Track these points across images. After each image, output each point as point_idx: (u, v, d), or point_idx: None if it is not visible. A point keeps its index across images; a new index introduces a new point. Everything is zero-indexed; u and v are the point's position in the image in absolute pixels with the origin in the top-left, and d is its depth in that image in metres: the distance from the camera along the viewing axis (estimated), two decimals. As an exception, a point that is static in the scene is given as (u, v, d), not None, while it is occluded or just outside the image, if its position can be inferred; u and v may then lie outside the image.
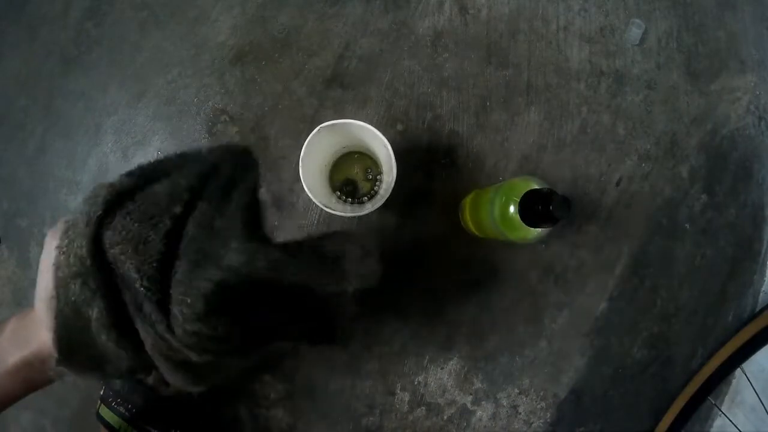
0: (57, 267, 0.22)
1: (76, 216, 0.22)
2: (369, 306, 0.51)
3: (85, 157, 0.55)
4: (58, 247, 0.22)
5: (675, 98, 0.56)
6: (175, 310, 0.20)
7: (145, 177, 0.23)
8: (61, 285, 0.21)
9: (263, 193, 0.53)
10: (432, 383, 0.54)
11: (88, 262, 0.21)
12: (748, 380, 0.55)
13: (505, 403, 0.55)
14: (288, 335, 0.25)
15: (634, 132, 0.55)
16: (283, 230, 0.53)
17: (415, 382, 0.53)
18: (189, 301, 0.20)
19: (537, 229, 0.37)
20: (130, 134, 0.54)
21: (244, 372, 0.39)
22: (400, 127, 0.53)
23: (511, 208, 0.38)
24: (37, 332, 0.28)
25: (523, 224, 0.37)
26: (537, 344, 0.54)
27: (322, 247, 0.24)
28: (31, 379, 0.29)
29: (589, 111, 0.55)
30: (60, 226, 0.23)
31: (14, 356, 0.28)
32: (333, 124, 0.41)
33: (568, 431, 0.56)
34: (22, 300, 0.55)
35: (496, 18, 0.55)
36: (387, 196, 0.42)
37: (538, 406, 0.55)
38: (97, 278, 0.21)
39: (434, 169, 0.53)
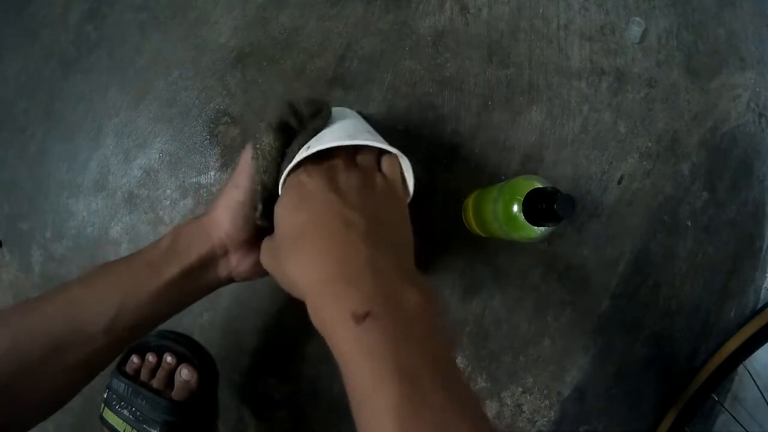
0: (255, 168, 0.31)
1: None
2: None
3: (86, 160, 0.54)
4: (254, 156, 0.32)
5: (675, 96, 0.56)
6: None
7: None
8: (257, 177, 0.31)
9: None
10: (436, 383, 0.54)
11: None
12: (751, 377, 0.55)
13: (509, 402, 0.55)
14: None
15: (635, 130, 0.56)
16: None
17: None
18: None
19: (540, 227, 0.37)
20: (131, 137, 0.54)
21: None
22: (401, 127, 0.53)
23: (515, 207, 0.38)
24: (203, 239, 0.31)
25: (527, 223, 0.37)
26: (540, 343, 0.54)
27: None
28: (187, 288, 0.32)
29: (591, 109, 0.55)
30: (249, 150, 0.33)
31: (173, 268, 0.30)
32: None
33: (571, 429, 0.56)
34: (24, 304, 0.55)
35: (497, 17, 0.55)
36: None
37: (542, 405, 0.55)
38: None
39: (436, 168, 0.53)
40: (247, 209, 0.32)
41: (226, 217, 0.32)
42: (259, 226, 0.33)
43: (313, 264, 0.25)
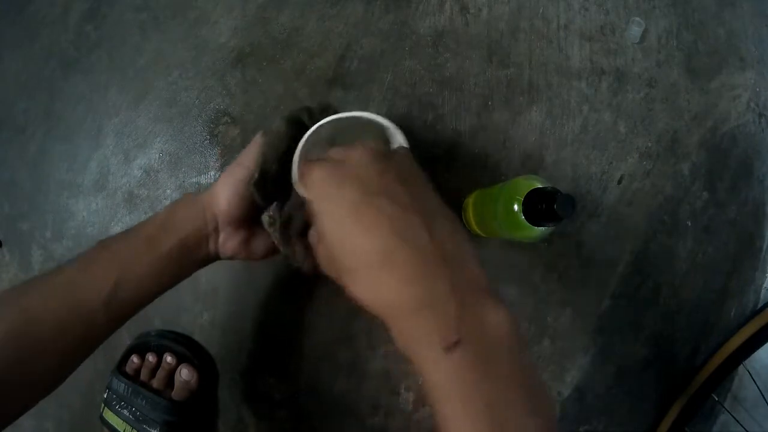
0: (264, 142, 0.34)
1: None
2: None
3: (87, 160, 0.54)
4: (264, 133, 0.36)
5: (675, 96, 0.56)
6: None
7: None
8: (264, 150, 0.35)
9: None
10: (436, 383, 0.54)
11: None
12: (751, 377, 0.55)
13: (509, 402, 0.55)
14: None
15: (635, 130, 0.56)
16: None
17: (420, 382, 0.53)
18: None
19: (540, 227, 0.37)
20: (132, 137, 0.54)
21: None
22: (401, 127, 0.53)
23: (515, 207, 0.38)
24: (197, 213, 0.33)
25: (527, 223, 0.37)
26: (540, 342, 0.54)
27: None
28: (183, 261, 0.33)
29: (591, 109, 0.55)
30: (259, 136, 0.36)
31: (170, 241, 0.31)
32: (336, 119, 0.38)
33: (571, 429, 0.56)
34: (24, 303, 0.55)
35: (497, 17, 0.55)
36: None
37: (542, 405, 0.55)
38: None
39: (436, 168, 0.53)
40: (245, 186, 0.33)
41: (224, 192, 0.33)
42: (251, 206, 0.34)
43: (393, 290, 0.23)
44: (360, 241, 0.24)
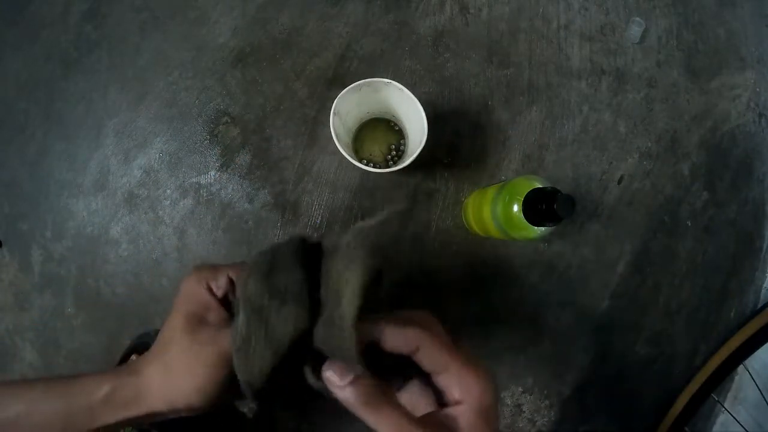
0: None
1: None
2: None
3: (87, 159, 0.54)
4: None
5: (675, 96, 0.56)
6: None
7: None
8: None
9: (266, 195, 0.53)
10: (436, 383, 0.54)
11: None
12: (751, 377, 0.55)
13: (509, 402, 0.55)
14: None
15: (636, 130, 0.56)
16: (285, 230, 0.53)
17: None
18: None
19: (540, 228, 0.37)
20: (132, 136, 0.54)
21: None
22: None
23: (515, 207, 0.38)
24: (146, 397, 0.28)
25: (527, 223, 0.37)
26: (540, 343, 0.54)
27: None
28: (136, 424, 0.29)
29: (591, 109, 0.55)
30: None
31: (108, 418, 0.27)
32: (368, 82, 0.43)
33: (571, 429, 0.56)
34: (24, 304, 0.55)
35: (497, 17, 0.55)
36: (417, 153, 0.42)
37: (542, 405, 0.55)
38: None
39: (436, 168, 0.53)
40: (219, 382, 0.27)
41: (179, 399, 0.28)
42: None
43: None
44: None
